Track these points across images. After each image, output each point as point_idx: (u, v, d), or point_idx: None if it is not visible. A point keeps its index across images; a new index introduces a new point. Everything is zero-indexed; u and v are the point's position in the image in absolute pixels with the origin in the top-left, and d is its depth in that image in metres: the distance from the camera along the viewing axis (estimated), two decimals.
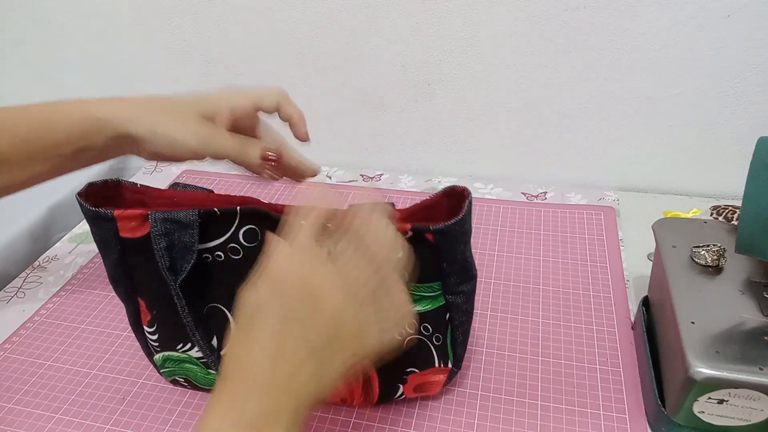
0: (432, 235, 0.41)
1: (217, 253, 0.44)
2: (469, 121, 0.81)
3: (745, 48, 0.66)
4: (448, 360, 0.48)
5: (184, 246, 0.43)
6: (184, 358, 0.50)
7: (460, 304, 0.45)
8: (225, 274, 0.44)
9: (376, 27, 0.76)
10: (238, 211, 0.43)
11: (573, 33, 0.70)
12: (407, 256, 0.39)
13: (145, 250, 0.44)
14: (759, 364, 0.40)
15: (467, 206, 0.42)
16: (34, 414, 0.52)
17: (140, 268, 0.46)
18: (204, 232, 0.43)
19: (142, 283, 0.47)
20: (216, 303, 0.46)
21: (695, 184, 0.78)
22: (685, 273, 0.48)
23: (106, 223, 0.44)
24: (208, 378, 0.51)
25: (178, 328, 0.46)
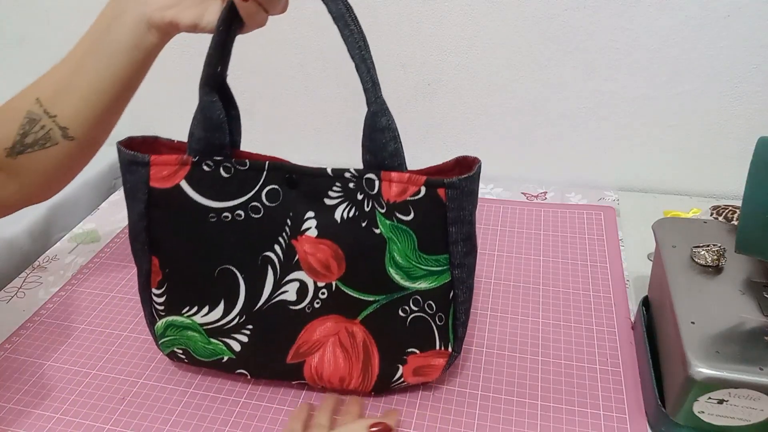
0: (444, 190, 0.42)
1: (237, 212, 0.47)
2: (469, 121, 0.81)
3: (745, 48, 0.66)
4: (449, 343, 0.48)
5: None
6: (188, 324, 0.50)
7: (465, 278, 0.46)
8: (241, 233, 0.47)
9: (376, 27, 0.76)
10: (265, 167, 0.45)
11: (573, 33, 0.70)
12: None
13: (171, 202, 0.47)
14: (759, 364, 0.40)
15: (477, 168, 0.43)
16: (34, 414, 0.52)
17: (161, 223, 0.48)
18: (227, 191, 0.46)
19: (160, 239, 0.48)
20: (228, 264, 0.48)
21: (695, 184, 0.78)
22: (685, 273, 0.48)
23: (140, 169, 0.47)
24: (208, 349, 0.51)
25: (188, 289, 0.49)
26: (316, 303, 0.48)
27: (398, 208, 0.43)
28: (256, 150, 0.49)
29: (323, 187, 0.45)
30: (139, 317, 0.62)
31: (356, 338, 0.48)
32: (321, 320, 0.48)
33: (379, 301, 0.46)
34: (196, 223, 0.47)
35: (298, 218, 0.46)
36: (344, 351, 0.48)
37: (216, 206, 0.47)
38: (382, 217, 0.44)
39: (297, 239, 0.46)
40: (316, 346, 0.49)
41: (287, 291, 0.48)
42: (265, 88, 0.86)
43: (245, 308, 0.49)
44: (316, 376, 0.50)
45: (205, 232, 0.47)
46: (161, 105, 0.93)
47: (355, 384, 0.50)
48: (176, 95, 0.91)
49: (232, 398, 0.52)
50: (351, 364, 0.49)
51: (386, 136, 0.43)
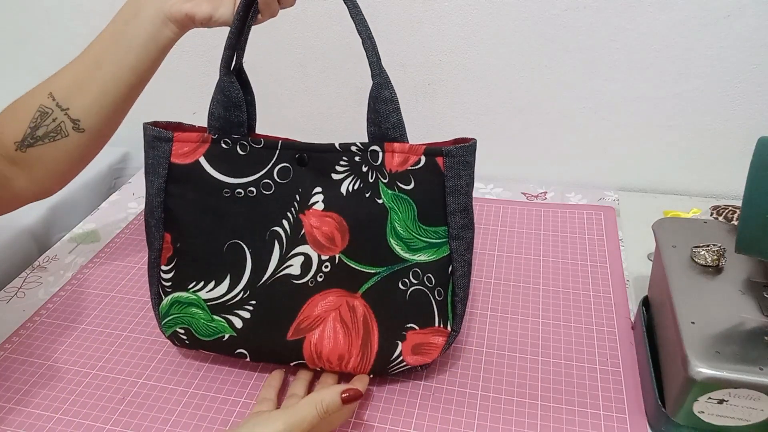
0: (443, 159, 0.45)
1: (250, 188, 0.50)
2: (469, 121, 0.81)
3: (745, 48, 0.66)
4: (448, 321, 0.49)
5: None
6: (192, 300, 0.52)
7: (463, 251, 0.48)
8: (252, 208, 0.50)
9: (376, 27, 0.76)
10: (278, 145, 0.49)
11: (573, 33, 0.70)
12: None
13: (189, 177, 0.50)
14: (759, 364, 0.40)
15: (473, 142, 0.47)
16: (34, 414, 0.52)
17: (177, 198, 0.51)
18: (242, 168, 0.50)
19: (175, 213, 0.51)
20: (237, 239, 0.50)
21: (695, 184, 0.78)
22: (685, 273, 0.48)
23: (163, 145, 0.50)
24: (210, 327, 0.52)
25: (196, 264, 0.51)
26: (319, 276, 0.49)
27: (399, 178, 0.46)
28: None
29: (331, 162, 0.48)
30: (139, 317, 0.62)
31: (357, 313, 0.49)
32: (323, 294, 0.49)
33: (380, 273, 0.48)
34: (211, 198, 0.50)
35: (306, 193, 0.49)
36: (344, 327, 0.49)
37: (231, 182, 0.50)
38: (384, 186, 0.47)
39: (304, 213, 0.49)
40: (317, 322, 0.50)
41: (292, 265, 0.50)
42: (265, 88, 0.86)
43: (250, 283, 0.50)
44: (315, 355, 0.50)
45: (218, 207, 0.50)
46: (158, 104, 0.93)
47: (354, 363, 0.49)
48: (173, 94, 0.91)
49: (232, 398, 0.52)
50: (351, 341, 0.49)
51: (389, 108, 0.46)
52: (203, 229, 0.51)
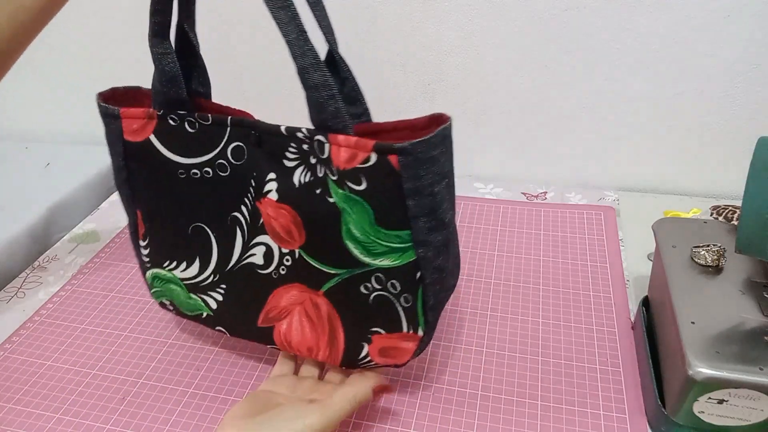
0: (396, 157, 0.36)
1: (205, 169, 0.45)
2: (469, 121, 0.81)
3: (745, 48, 0.66)
4: (419, 326, 0.43)
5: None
6: (169, 277, 0.51)
7: (431, 258, 0.40)
8: (210, 191, 0.46)
9: (376, 27, 0.76)
10: (228, 122, 0.43)
11: (573, 33, 0.70)
12: None
13: (144, 156, 0.46)
14: (759, 364, 0.40)
15: (439, 131, 0.37)
16: (34, 414, 0.52)
17: (139, 176, 0.48)
18: (194, 147, 0.45)
19: (139, 192, 0.49)
20: (200, 222, 0.48)
21: (695, 184, 0.78)
22: (685, 273, 0.48)
23: (113, 122, 0.47)
24: (189, 303, 0.51)
25: (167, 244, 0.49)
26: (282, 269, 0.46)
27: (349, 177, 0.38)
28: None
29: (281, 146, 0.42)
30: (139, 317, 0.62)
31: (321, 310, 0.46)
32: (287, 288, 0.46)
33: (340, 275, 0.43)
34: (168, 179, 0.47)
35: (261, 179, 0.44)
36: (310, 321, 0.46)
37: (184, 162, 0.46)
38: (334, 185, 0.40)
39: (261, 201, 0.44)
40: (284, 313, 0.47)
41: (255, 254, 0.46)
42: (265, 88, 0.86)
43: (218, 267, 0.49)
44: (286, 343, 0.48)
45: (177, 189, 0.47)
46: None
47: (323, 356, 0.47)
48: None
49: (232, 398, 0.52)
50: (317, 336, 0.47)
51: (323, 94, 0.37)
52: (165, 210, 0.49)
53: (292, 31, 0.36)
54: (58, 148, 0.96)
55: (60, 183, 0.85)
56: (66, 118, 1.00)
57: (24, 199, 0.82)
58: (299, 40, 0.36)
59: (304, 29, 0.36)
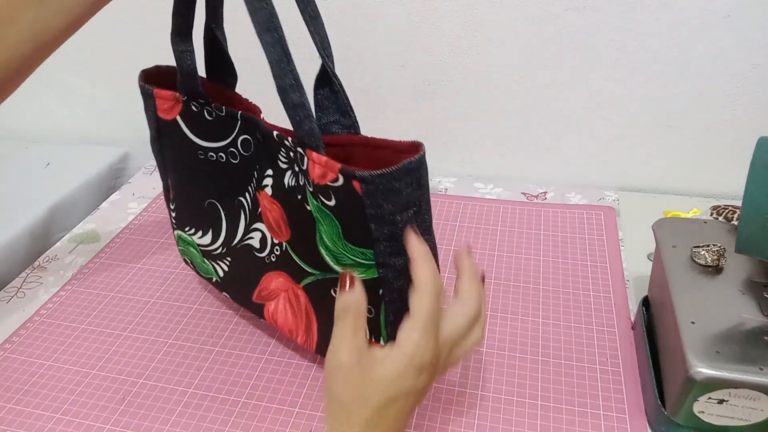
0: (359, 183, 0.37)
1: (219, 153, 0.50)
2: (469, 121, 0.81)
3: (745, 48, 0.66)
4: (380, 337, 0.44)
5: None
6: (190, 240, 0.57)
7: (392, 279, 0.40)
8: (222, 174, 0.50)
9: (376, 27, 0.76)
10: (239, 117, 0.47)
11: (573, 33, 0.70)
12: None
13: (172, 133, 0.51)
14: (759, 364, 0.40)
15: (405, 164, 0.36)
16: (34, 414, 0.52)
17: (169, 149, 0.54)
18: (212, 133, 0.50)
19: (168, 163, 0.55)
20: (213, 199, 0.53)
21: (695, 184, 0.78)
22: (685, 273, 0.48)
23: (148, 99, 0.52)
24: (203, 266, 0.58)
25: (188, 211, 0.56)
26: (272, 257, 0.49)
27: (321, 191, 0.40)
28: None
29: (276, 148, 0.44)
30: (139, 317, 0.62)
31: (300, 301, 0.49)
32: (276, 273, 0.50)
33: (315, 275, 0.45)
34: (190, 156, 0.52)
35: (261, 172, 0.47)
36: (292, 308, 0.50)
37: (203, 145, 0.50)
38: (310, 195, 0.41)
39: (260, 192, 0.48)
40: (273, 295, 0.51)
41: (253, 238, 0.51)
42: (265, 88, 0.86)
43: (226, 241, 0.53)
44: (272, 321, 0.52)
45: (196, 166, 0.52)
46: None
47: (301, 340, 0.51)
48: None
49: (232, 398, 0.52)
50: (297, 322, 0.50)
51: (300, 114, 0.39)
52: (186, 183, 0.55)
53: (275, 53, 0.38)
54: (58, 148, 0.96)
55: (60, 183, 0.86)
56: (66, 118, 1.00)
57: (24, 199, 0.82)
58: (281, 62, 0.38)
59: (288, 52, 0.38)
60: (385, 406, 0.36)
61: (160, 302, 0.64)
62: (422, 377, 0.36)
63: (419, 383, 0.36)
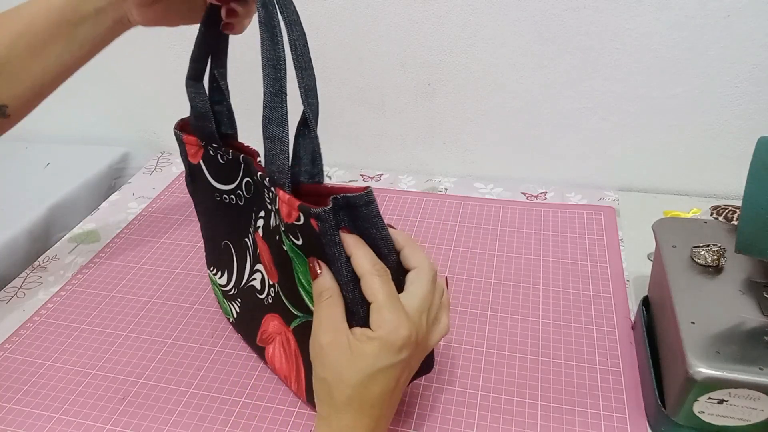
0: (315, 221, 0.37)
1: (231, 196, 0.52)
2: (469, 121, 0.81)
3: (745, 48, 0.66)
4: None
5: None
6: (214, 280, 0.59)
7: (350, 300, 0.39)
8: (232, 216, 0.52)
9: (376, 27, 0.76)
10: (241, 160, 0.49)
11: (573, 33, 0.70)
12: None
13: (198, 175, 0.54)
14: (759, 364, 0.40)
15: (354, 197, 0.36)
16: (34, 414, 0.52)
17: (197, 191, 0.57)
18: (224, 175, 0.52)
19: (197, 204, 0.58)
20: (227, 240, 0.55)
21: (695, 184, 0.78)
22: (685, 273, 0.48)
23: (180, 145, 0.54)
24: (223, 305, 0.59)
25: (211, 251, 0.58)
26: (269, 299, 0.49)
27: (291, 231, 0.40)
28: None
29: (262, 190, 0.45)
30: (139, 317, 0.62)
31: (291, 346, 0.48)
32: (272, 316, 0.50)
33: (300, 318, 0.45)
34: (210, 198, 0.54)
35: (257, 214, 0.48)
36: (285, 353, 0.50)
37: (219, 187, 0.53)
38: (284, 235, 0.41)
39: (256, 233, 0.49)
40: (270, 339, 0.51)
41: (255, 279, 0.51)
42: None
43: (236, 283, 0.55)
44: (272, 366, 0.53)
45: (215, 208, 0.54)
46: (160, 105, 0.93)
47: (294, 388, 0.50)
48: (174, 96, 0.91)
49: (232, 398, 0.52)
50: (290, 368, 0.50)
51: (276, 148, 0.39)
52: (210, 224, 0.57)
53: (272, 86, 0.39)
54: (58, 148, 0.96)
55: (60, 183, 0.86)
56: (66, 118, 1.00)
57: (24, 199, 0.82)
58: (275, 96, 0.38)
59: (284, 90, 0.39)
60: (365, 383, 0.37)
61: (160, 302, 0.64)
62: (402, 353, 0.37)
63: (399, 358, 0.37)
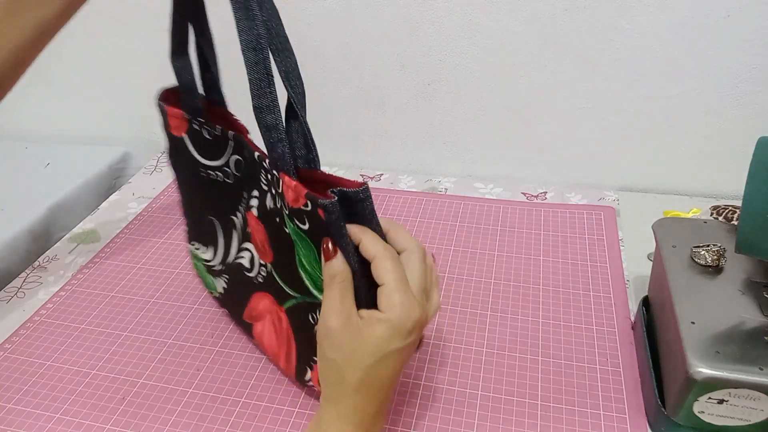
0: (322, 211, 0.37)
1: (217, 172, 0.51)
2: (469, 121, 0.81)
3: (745, 48, 0.66)
4: None
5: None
6: (196, 254, 0.59)
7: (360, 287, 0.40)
8: (218, 192, 0.51)
9: (376, 27, 0.76)
10: (230, 137, 0.48)
11: (573, 33, 0.70)
12: None
13: (181, 149, 0.53)
14: (759, 364, 0.40)
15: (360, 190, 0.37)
16: (34, 414, 0.52)
17: (179, 164, 0.56)
18: (210, 151, 0.51)
19: (179, 177, 0.57)
20: (212, 216, 0.54)
21: (695, 184, 0.78)
22: (685, 273, 0.48)
23: (163, 116, 0.53)
24: (207, 280, 0.60)
25: (194, 226, 0.58)
26: (260, 278, 0.50)
27: (296, 215, 0.40)
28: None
29: (259, 170, 0.44)
30: (139, 317, 0.62)
31: (282, 324, 0.49)
32: (263, 294, 0.50)
33: (296, 299, 0.45)
34: (194, 173, 0.53)
35: (249, 193, 0.47)
36: (275, 331, 0.50)
37: (204, 162, 0.52)
38: (287, 218, 0.42)
39: (248, 213, 0.48)
40: (260, 316, 0.52)
41: (243, 257, 0.51)
42: None
43: (223, 259, 0.55)
44: (259, 342, 0.54)
45: (198, 183, 0.53)
46: None
47: (282, 365, 0.51)
48: None
49: (232, 398, 0.52)
50: (280, 345, 0.50)
51: (273, 136, 0.39)
52: (192, 198, 0.57)
53: (256, 72, 0.37)
54: (58, 148, 0.96)
55: (60, 183, 0.86)
56: (66, 118, 1.00)
57: (24, 199, 0.82)
58: (261, 82, 0.37)
59: (270, 73, 0.38)
60: (375, 366, 0.37)
61: (160, 302, 0.64)
62: (411, 336, 0.38)
63: (409, 341, 0.38)
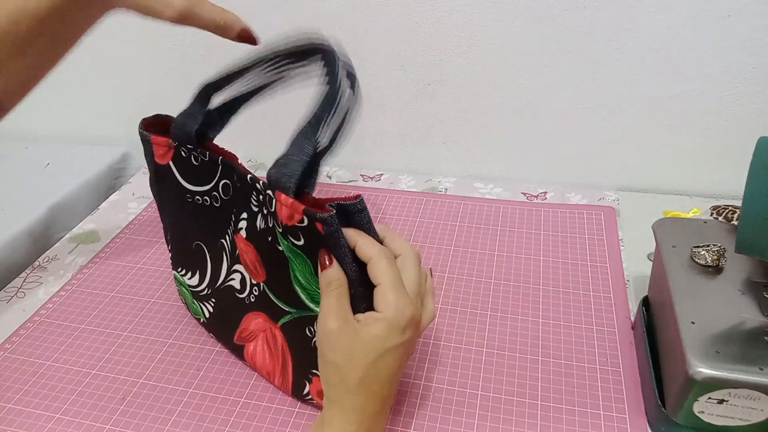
0: (321, 225, 0.39)
1: (204, 197, 0.52)
2: (469, 121, 0.81)
3: (745, 48, 0.66)
4: None
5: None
6: (181, 281, 0.59)
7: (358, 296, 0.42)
8: (206, 217, 0.52)
9: (376, 27, 0.76)
10: (219, 162, 0.49)
11: (573, 33, 0.70)
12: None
13: (166, 176, 0.53)
14: (759, 364, 0.40)
15: (359, 218, 0.40)
16: (34, 414, 0.52)
17: (164, 191, 0.56)
18: (198, 177, 0.51)
19: (164, 205, 0.58)
20: (199, 241, 0.55)
21: (695, 184, 0.78)
22: (685, 273, 0.48)
23: (146, 145, 0.54)
24: (193, 306, 0.59)
25: (179, 252, 0.58)
26: (252, 297, 0.51)
27: (290, 232, 0.42)
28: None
29: (249, 191, 0.46)
30: (139, 317, 0.62)
31: (277, 341, 0.50)
32: (255, 314, 0.51)
33: (292, 314, 0.47)
34: (180, 200, 0.54)
35: (237, 215, 0.49)
36: (269, 349, 0.51)
37: (191, 189, 0.52)
38: (280, 236, 0.43)
39: (237, 235, 0.49)
40: (252, 336, 0.52)
41: (234, 279, 0.52)
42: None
43: (210, 283, 0.55)
44: (251, 363, 0.53)
45: (185, 209, 0.54)
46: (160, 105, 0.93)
47: (278, 383, 0.51)
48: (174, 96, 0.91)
49: (232, 398, 0.52)
50: (274, 363, 0.51)
51: (296, 156, 0.41)
52: (178, 225, 0.57)
53: (323, 109, 0.41)
54: (58, 148, 0.96)
55: (60, 183, 0.86)
56: (66, 118, 1.00)
57: (24, 199, 0.82)
58: (318, 121, 0.41)
59: (328, 122, 0.41)
60: (374, 365, 0.39)
61: (160, 302, 0.64)
62: (407, 333, 0.39)
63: (404, 338, 0.39)
